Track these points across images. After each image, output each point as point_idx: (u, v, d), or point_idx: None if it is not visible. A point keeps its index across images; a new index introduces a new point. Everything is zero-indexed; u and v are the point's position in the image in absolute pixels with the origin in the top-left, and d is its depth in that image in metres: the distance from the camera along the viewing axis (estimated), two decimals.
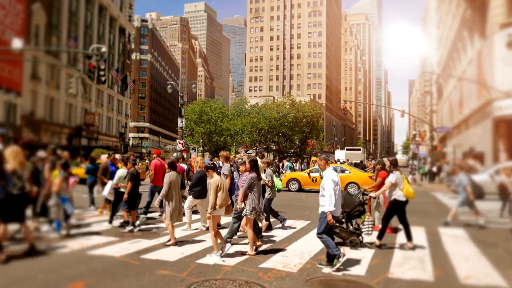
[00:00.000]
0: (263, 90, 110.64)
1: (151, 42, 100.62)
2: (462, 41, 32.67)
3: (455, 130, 36.83)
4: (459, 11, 32.70)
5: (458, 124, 35.12)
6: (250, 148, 54.82)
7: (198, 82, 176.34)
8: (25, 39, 33.28)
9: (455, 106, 37.79)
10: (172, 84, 32.53)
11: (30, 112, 36.33)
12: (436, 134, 50.77)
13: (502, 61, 21.51)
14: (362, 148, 58.53)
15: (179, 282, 5.30)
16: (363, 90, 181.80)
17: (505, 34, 20.96)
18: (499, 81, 21.58)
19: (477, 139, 26.70)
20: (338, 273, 5.82)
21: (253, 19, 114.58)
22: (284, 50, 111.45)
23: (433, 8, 61.79)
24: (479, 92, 25.75)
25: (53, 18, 40.84)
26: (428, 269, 6.25)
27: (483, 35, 25.18)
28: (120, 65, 59.43)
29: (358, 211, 7.71)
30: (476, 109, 27.13)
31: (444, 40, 45.92)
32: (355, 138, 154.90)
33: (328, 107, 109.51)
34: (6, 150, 6.76)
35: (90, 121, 46.68)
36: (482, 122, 25.28)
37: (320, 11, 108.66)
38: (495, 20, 22.90)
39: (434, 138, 52.50)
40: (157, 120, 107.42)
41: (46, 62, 38.01)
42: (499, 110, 22.08)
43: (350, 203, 7.63)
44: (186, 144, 30.42)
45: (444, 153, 42.93)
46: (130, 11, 67.67)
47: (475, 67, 27.34)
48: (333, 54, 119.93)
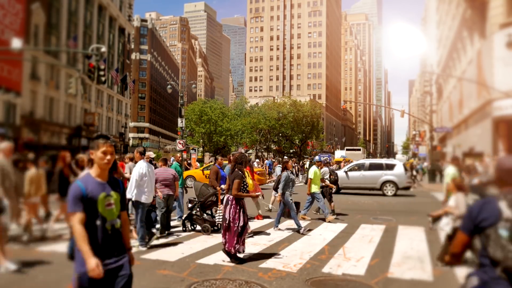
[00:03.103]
0: (263, 90, 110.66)
1: (151, 42, 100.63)
2: (462, 41, 32.67)
3: (455, 130, 36.86)
4: (459, 11, 32.71)
5: (458, 124, 35.14)
6: (250, 148, 54.85)
7: (198, 82, 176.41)
8: (25, 39, 33.27)
9: (454, 106, 37.81)
10: (172, 84, 32.53)
11: (30, 112, 36.33)
12: (436, 134, 50.85)
13: (502, 61, 21.51)
14: (362, 148, 58.58)
15: (179, 282, 5.31)
16: (363, 90, 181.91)
17: (505, 34, 20.97)
18: (498, 81, 21.60)
19: (477, 139, 26.71)
20: (337, 273, 5.83)
21: (253, 19, 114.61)
22: (284, 50, 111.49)
23: (433, 8, 61.83)
24: (479, 92, 25.75)
25: (53, 18, 40.81)
26: (428, 269, 6.25)
27: (483, 35, 25.19)
28: (120, 65, 59.42)
29: (211, 201, 8.74)
30: (475, 109, 27.14)
31: (444, 40, 45.96)
32: (355, 138, 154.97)
33: (328, 107, 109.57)
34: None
35: (90, 121, 46.64)
36: (482, 122, 25.30)
37: (320, 11, 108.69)
38: (495, 20, 22.90)
39: (434, 138, 52.60)
40: (157, 120, 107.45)
41: (45, 62, 38.00)
42: (498, 110, 22.10)
43: (204, 193, 8.69)
44: (186, 144, 30.41)
45: (444, 153, 42.96)
46: (129, 11, 67.64)
47: (475, 67, 27.34)
48: (333, 54, 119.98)
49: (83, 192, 2.71)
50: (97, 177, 2.82)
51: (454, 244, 2.38)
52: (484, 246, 2.21)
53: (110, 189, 2.83)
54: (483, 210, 2.24)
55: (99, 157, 2.79)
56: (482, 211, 2.24)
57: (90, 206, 2.71)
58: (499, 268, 2.12)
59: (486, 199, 2.31)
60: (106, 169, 2.84)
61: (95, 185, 2.77)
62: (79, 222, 2.66)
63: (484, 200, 2.31)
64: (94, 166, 2.87)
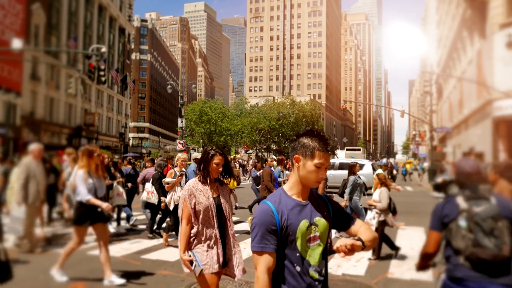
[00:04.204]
0: (263, 90, 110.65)
1: (151, 42, 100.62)
2: (462, 41, 32.66)
3: (455, 130, 36.85)
4: (459, 11, 32.71)
5: (458, 124, 35.13)
6: (250, 148, 54.85)
7: (198, 82, 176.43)
8: (25, 39, 33.27)
9: (454, 106, 37.80)
10: (172, 84, 32.56)
11: (30, 112, 36.34)
12: (436, 134, 50.82)
13: (502, 61, 21.49)
14: (362, 148, 58.55)
15: (180, 282, 5.31)
16: (363, 90, 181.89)
17: (505, 34, 20.96)
18: (498, 81, 21.58)
19: (477, 139, 26.70)
20: (337, 273, 5.84)
21: (253, 19, 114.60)
22: (284, 50, 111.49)
23: (433, 8, 61.82)
24: (479, 92, 25.74)
25: (53, 18, 40.82)
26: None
27: (483, 35, 25.18)
28: (120, 65, 59.43)
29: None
30: (475, 109, 27.13)
31: (444, 40, 45.95)
32: (355, 138, 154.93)
33: (328, 107, 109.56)
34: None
35: (90, 121, 46.65)
36: (482, 122, 25.29)
37: (320, 11, 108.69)
38: (495, 20, 22.89)
39: (434, 138, 52.56)
40: (157, 120, 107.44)
41: (45, 62, 38.00)
42: (498, 110, 22.09)
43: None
44: (186, 144, 30.43)
45: (444, 153, 42.96)
46: (129, 11, 67.66)
47: (475, 67, 27.33)
48: (333, 54, 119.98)
49: (276, 220, 1.80)
50: (294, 195, 1.89)
51: (428, 244, 2.58)
52: (447, 240, 2.48)
53: (316, 213, 1.88)
54: (445, 208, 2.51)
55: (311, 169, 1.84)
56: (444, 209, 2.51)
57: (285, 242, 1.81)
58: (461, 257, 2.39)
59: (448, 198, 2.57)
60: (313, 184, 1.88)
61: (293, 207, 1.85)
62: (267, 270, 1.76)
63: (446, 200, 2.57)
64: (292, 178, 1.92)
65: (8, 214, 6.90)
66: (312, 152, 1.83)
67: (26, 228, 6.54)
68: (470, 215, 2.38)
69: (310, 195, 1.93)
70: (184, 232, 3.28)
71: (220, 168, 3.36)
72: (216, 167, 3.34)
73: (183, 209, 3.31)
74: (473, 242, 2.33)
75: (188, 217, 3.28)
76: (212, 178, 3.38)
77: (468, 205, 2.41)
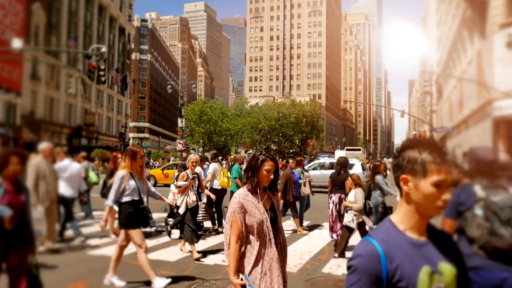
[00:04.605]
0: (263, 90, 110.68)
1: (151, 42, 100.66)
2: (462, 41, 32.68)
3: (455, 130, 36.86)
4: (459, 11, 32.72)
5: (458, 124, 35.15)
6: (250, 148, 54.85)
7: (198, 82, 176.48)
8: (25, 39, 33.28)
9: (455, 106, 37.83)
10: (172, 84, 32.57)
11: (30, 112, 36.34)
12: (436, 134, 50.85)
13: (502, 61, 21.50)
14: (362, 148, 58.55)
15: (180, 282, 5.32)
16: (363, 90, 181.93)
17: (505, 34, 20.98)
18: (498, 81, 21.59)
19: (477, 139, 26.70)
20: (337, 273, 5.83)
21: (253, 19, 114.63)
22: (284, 50, 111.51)
23: (433, 8, 61.85)
24: (479, 92, 25.76)
25: (53, 18, 40.83)
26: None
27: (483, 35, 25.19)
28: (120, 65, 59.45)
29: None
30: (475, 109, 27.15)
31: (444, 40, 45.98)
32: (355, 138, 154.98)
33: (328, 107, 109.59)
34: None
35: (90, 121, 46.67)
36: (482, 122, 25.30)
37: (320, 11, 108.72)
38: (495, 20, 22.90)
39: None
40: (157, 120, 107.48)
41: (45, 62, 38.02)
42: (498, 110, 22.10)
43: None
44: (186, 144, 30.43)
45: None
46: (129, 11, 67.69)
47: (475, 67, 27.34)
48: (333, 54, 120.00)
49: (383, 268, 1.29)
50: (408, 230, 1.37)
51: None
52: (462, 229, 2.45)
53: (439, 256, 1.35)
54: (461, 196, 2.49)
55: (427, 191, 1.33)
56: (461, 197, 2.48)
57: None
58: (475, 245, 2.37)
59: (463, 187, 2.55)
60: (434, 211, 1.35)
61: (408, 249, 1.32)
62: None
63: (461, 188, 2.54)
64: (402, 207, 1.40)
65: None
66: (423, 167, 1.32)
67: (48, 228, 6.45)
68: (488, 204, 2.38)
69: (430, 229, 1.40)
70: (234, 251, 2.81)
71: (271, 176, 2.88)
72: (267, 174, 2.86)
73: (232, 224, 2.82)
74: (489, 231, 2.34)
75: (238, 234, 2.81)
76: (261, 188, 2.93)
77: (486, 194, 2.41)
